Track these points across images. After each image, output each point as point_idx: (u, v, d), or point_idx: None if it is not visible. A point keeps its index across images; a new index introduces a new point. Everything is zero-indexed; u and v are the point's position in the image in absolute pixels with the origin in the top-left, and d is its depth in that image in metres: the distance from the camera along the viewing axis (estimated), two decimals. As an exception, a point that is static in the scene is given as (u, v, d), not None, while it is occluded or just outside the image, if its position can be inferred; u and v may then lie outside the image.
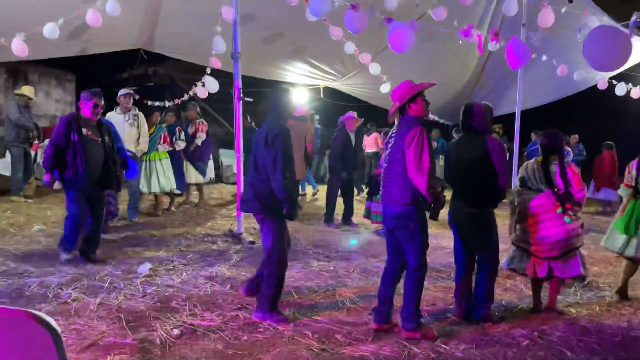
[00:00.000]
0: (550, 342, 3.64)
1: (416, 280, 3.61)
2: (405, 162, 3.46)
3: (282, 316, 3.87)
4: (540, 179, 4.10)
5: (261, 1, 7.07)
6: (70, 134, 4.94)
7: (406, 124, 3.56)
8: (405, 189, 3.50)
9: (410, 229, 3.53)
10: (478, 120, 3.91)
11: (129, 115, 6.90)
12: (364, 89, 11.19)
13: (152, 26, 8.35)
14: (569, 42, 8.90)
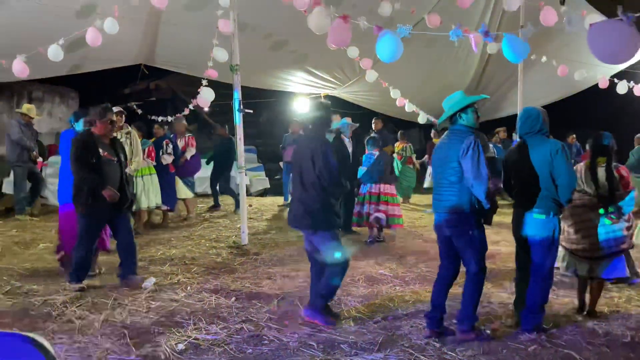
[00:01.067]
0: (558, 345, 3.59)
1: (477, 284, 3.70)
2: (461, 170, 3.54)
3: (331, 318, 3.95)
4: (587, 181, 4.11)
5: (260, 10, 7.11)
6: (88, 156, 4.61)
7: (458, 134, 3.64)
8: (463, 197, 3.58)
9: (469, 235, 3.61)
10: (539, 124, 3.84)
11: (121, 133, 6.61)
12: (364, 95, 11.21)
13: (152, 41, 8.42)
14: (568, 42, 8.90)
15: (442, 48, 9.29)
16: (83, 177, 4.61)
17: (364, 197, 6.96)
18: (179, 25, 7.62)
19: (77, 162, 4.60)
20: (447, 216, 3.65)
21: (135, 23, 7.40)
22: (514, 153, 4.01)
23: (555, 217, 3.75)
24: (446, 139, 3.75)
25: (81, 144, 4.65)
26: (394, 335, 3.79)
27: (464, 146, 3.52)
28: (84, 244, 4.70)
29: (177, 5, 6.66)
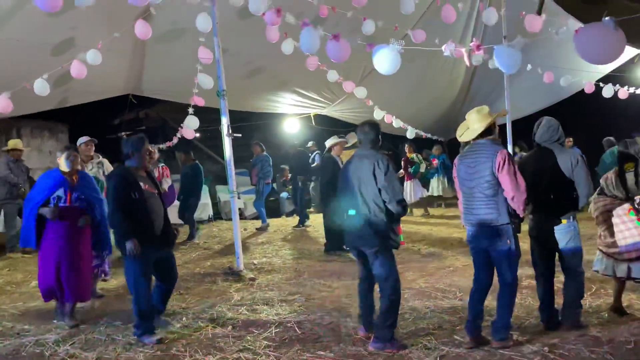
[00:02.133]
0: (562, 356, 3.53)
1: (513, 294, 3.83)
2: (497, 183, 3.67)
3: (402, 343, 3.88)
4: (617, 186, 4.31)
5: (241, 37, 7.15)
6: (131, 193, 4.15)
7: (487, 147, 3.78)
8: (501, 209, 3.69)
9: (508, 245, 3.71)
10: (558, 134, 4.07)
11: (92, 164, 6.37)
12: (354, 113, 11.24)
13: (139, 71, 8.45)
14: (552, 49, 8.98)
15: (427, 62, 9.35)
16: (120, 221, 4.09)
17: None
18: (163, 54, 7.65)
19: (116, 202, 4.09)
20: (485, 228, 3.75)
21: (121, 54, 7.42)
22: (532, 160, 4.12)
23: (575, 221, 4.00)
24: (471, 153, 3.86)
25: (121, 179, 4.16)
26: (394, 356, 3.71)
27: (498, 160, 3.64)
28: (141, 292, 4.15)
29: (160, 35, 6.69)
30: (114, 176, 4.29)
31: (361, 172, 3.89)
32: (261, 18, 5.75)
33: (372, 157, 3.88)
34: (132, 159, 4.29)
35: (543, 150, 4.06)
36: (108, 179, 4.42)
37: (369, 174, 3.84)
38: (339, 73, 8.57)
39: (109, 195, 4.16)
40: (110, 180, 4.24)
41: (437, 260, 6.84)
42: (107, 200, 4.24)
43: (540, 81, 8.78)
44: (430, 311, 4.68)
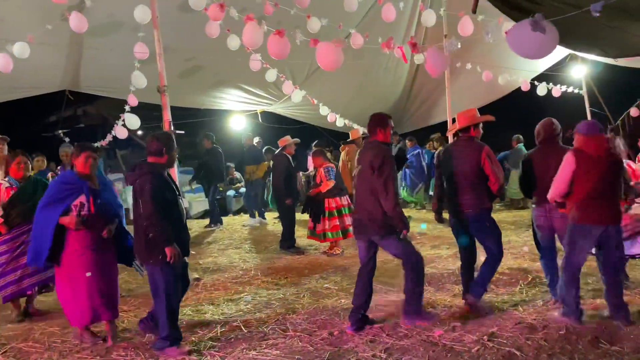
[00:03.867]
0: (500, 344, 3.67)
1: (495, 263, 4.45)
2: (483, 174, 4.30)
3: (431, 314, 4.23)
4: None
5: (181, 33, 6.98)
6: (166, 193, 3.84)
7: (470, 143, 4.44)
8: (482, 195, 4.36)
9: (487, 227, 4.38)
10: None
11: None
12: (301, 110, 11.22)
13: (76, 66, 8.08)
14: (490, 48, 9.29)
15: (371, 60, 9.46)
16: (160, 221, 3.72)
17: (340, 210, 6.96)
18: (101, 48, 7.35)
19: (154, 201, 3.70)
20: (469, 213, 4.36)
21: (55, 48, 7.08)
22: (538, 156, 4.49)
23: None
24: (455, 147, 4.51)
25: (159, 178, 3.83)
26: (340, 350, 3.75)
27: (484, 154, 4.29)
28: (173, 300, 3.87)
29: (97, 28, 6.42)
30: (151, 174, 3.78)
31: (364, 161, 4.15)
32: (202, 13, 5.65)
33: (372, 150, 4.12)
34: (161, 157, 3.90)
35: (545, 149, 4.46)
36: (146, 177, 3.77)
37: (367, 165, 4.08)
38: (284, 71, 8.55)
39: (145, 195, 3.71)
40: (147, 180, 3.77)
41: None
42: (145, 201, 3.71)
43: (480, 79, 9.08)
44: (376, 306, 4.74)
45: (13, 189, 4.78)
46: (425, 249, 7.00)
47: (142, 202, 3.73)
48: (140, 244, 3.80)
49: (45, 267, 4.35)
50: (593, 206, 3.92)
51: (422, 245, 7.23)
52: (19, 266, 4.63)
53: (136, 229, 3.85)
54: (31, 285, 4.70)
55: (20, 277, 4.65)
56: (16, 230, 4.68)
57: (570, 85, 10.25)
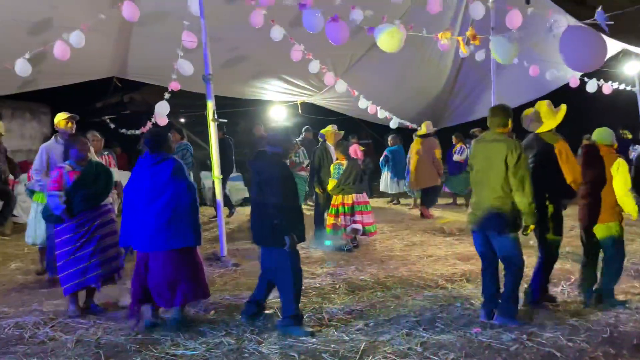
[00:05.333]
0: (540, 344, 3.60)
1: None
2: None
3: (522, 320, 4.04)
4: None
5: (225, 24, 7.07)
6: None
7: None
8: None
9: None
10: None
11: None
12: (341, 102, 11.20)
13: (124, 54, 8.30)
14: (538, 43, 9.03)
15: (414, 52, 9.34)
16: (287, 209, 3.97)
17: (337, 209, 6.83)
18: (149, 36, 7.52)
19: (282, 190, 3.95)
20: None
21: (105, 36, 7.29)
22: None
23: None
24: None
25: (286, 168, 4.14)
26: (375, 342, 3.75)
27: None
28: (297, 282, 4.05)
29: (145, 17, 6.57)
30: (279, 164, 4.06)
31: (492, 155, 3.96)
32: (246, 4, 5.70)
33: (504, 143, 3.93)
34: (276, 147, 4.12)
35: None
36: (282, 166, 4.08)
37: (500, 159, 3.90)
38: (326, 62, 8.54)
39: (288, 184, 4.00)
40: (277, 168, 4.02)
41: (419, 249, 6.90)
42: (283, 189, 3.94)
43: (526, 74, 8.84)
44: (412, 299, 4.73)
45: (76, 173, 4.47)
46: (464, 245, 6.91)
47: (271, 190, 3.92)
48: (265, 228, 3.97)
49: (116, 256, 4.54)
50: None
51: (462, 242, 7.14)
52: (84, 257, 4.39)
53: (259, 215, 4.05)
54: (96, 277, 4.44)
55: (85, 269, 4.39)
56: (80, 217, 4.41)
57: (623, 82, 9.86)
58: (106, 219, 4.60)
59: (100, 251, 4.46)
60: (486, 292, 4.18)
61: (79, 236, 4.40)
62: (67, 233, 4.41)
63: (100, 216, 4.54)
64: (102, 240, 4.49)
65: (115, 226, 4.64)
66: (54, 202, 4.35)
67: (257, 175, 4.09)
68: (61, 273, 4.41)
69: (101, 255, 4.46)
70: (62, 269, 4.40)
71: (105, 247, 4.50)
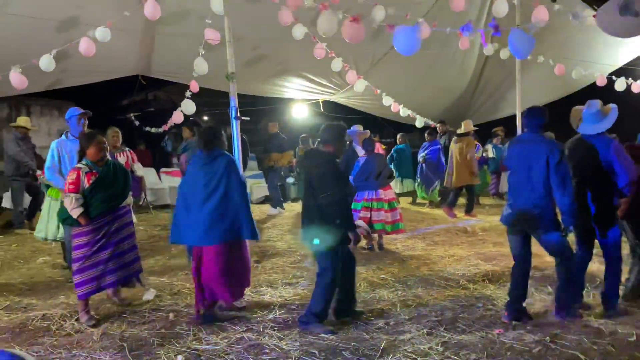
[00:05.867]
0: (563, 346, 3.54)
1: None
2: None
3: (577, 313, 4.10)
4: None
5: (246, 22, 7.11)
6: None
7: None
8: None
9: None
10: None
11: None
12: (363, 100, 11.18)
13: (149, 52, 8.42)
14: (564, 41, 8.88)
15: (437, 50, 9.27)
16: (344, 207, 4.04)
17: (360, 205, 6.78)
18: (173, 35, 7.62)
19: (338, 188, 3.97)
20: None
21: (130, 34, 7.40)
22: None
23: None
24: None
25: (339, 167, 4.19)
26: (396, 341, 3.74)
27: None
28: (335, 280, 4.07)
29: (168, 15, 6.65)
30: (333, 163, 4.09)
31: (539, 158, 3.93)
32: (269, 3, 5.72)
33: (544, 144, 3.94)
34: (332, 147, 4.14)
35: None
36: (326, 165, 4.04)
37: (542, 161, 3.89)
38: (349, 60, 8.52)
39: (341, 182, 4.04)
40: (331, 167, 4.04)
41: (441, 248, 6.85)
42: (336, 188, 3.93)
43: (552, 73, 8.70)
44: (434, 298, 4.70)
45: (93, 174, 4.29)
46: (487, 245, 6.84)
47: (324, 189, 3.91)
48: (316, 228, 3.97)
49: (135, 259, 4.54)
50: None
51: (484, 242, 7.07)
52: (101, 261, 4.28)
53: (309, 214, 4.04)
54: (113, 282, 4.37)
55: (101, 274, 4.29)
56: (98, 220, 4.28)
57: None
58: (124, 222, 4.48)
59: (118, 255, 4.35)
60: (514, 292, 4.14)
61: (95, 240, 4.26)
62: (84, 236, 4.25)
63: (118, 219, 4.42)
64: (119, 244, 4.38)
65: (133, 228, 4.60)
66: (71, 204, 4.17)
67: (307, 173, 4.14)
68: (76, 277, 4.24)
69: (118, 260, 4.35)
70: (77, 272, 4.24)
71: (122, 251, 4.40)
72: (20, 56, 6.35)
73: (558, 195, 3.87)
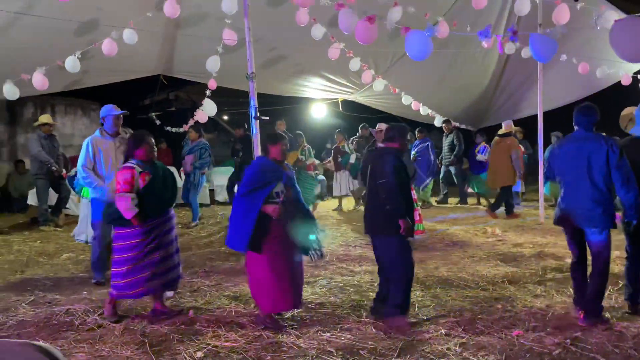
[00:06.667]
0: (584, 349, 3.50)
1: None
2: None
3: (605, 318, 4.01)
4: None
5: (265, 24, 7.15)
6: None
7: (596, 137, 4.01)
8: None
9: None
10: None
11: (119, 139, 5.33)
12: (382, 100, 11.16)
13: (170, 52, 8.54)
14: (588, 39, 8.73)
15: (457, 49, 9.21)
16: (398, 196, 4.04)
17: None
18: (194, 35, 7.71)
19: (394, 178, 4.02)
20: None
21: (152, 35, 7.51)
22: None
23: None
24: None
25: (399, 160, 4.15)
26: (414, 341, 3.74)
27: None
28: (408, 270, 4.11)
29: (189, 16, 6.75)
30: (392, 155, 4.11)
31: (590, 153, 3.93)
32: (287, 5, 5.76)
33: (602, 140, 3.93)
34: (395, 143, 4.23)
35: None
36: (385, 157, 4.11)
37: (601, 157, 3.88)
38: (367, 60, 8.52)
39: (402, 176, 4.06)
40: (390, 159, 4.08)
41: (460, 249, 6.80)
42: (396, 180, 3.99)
43: (575, 72, 8.58)
44: (452, 299, 4.68)
45: (147, 174, 4.15)
46: (507, 246, 6.78)
47: (383, 179, 4.03)
48: (379, 216, 4.12)
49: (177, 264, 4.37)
50: None
51: (504, 243, 7.00)
52: (151, 263, 4.14)
53: (374, 205, 4.18)
54: (160, 285, 4.24)
55: (151, 276, 4.14)
56: (150, 222, 4.13)
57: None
58: (172, 224, 4.36)
59: (167, 258, 4.25)
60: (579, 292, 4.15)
61: (147, 242, 4.11)
62: (134, 238, 4.09)
63: (168, 221, 4.30)
64: (168, 247, 4.27)
65: (176, 232, 4.47)
66: (126, 205, 4.00)
67: (372, 170, 4.22)
68: (122, 279, 4.09)
69: (167, 262, 4.25)
70: (126, 275, 4.08)
71: (170, 254, 4.29)
72: (44, 57, 6.52)
73: (623, 191, 3.87)
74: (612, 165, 3.85)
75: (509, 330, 3.86)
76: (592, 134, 4.02)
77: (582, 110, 4.09)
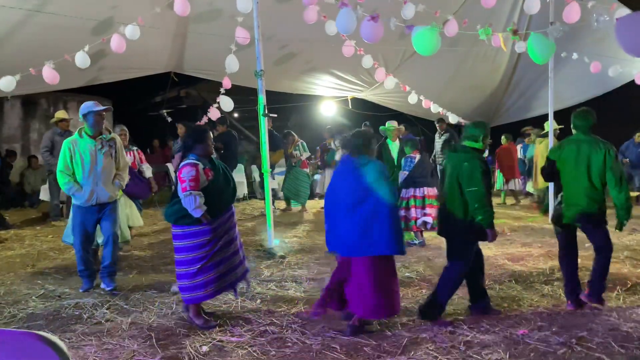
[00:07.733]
0: (589, 349, 3.48)
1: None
2: None
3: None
4: None
5: (275, 22, 7.19)
6: None
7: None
8: None
9: None
10: None
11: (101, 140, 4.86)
12: (392, 97, 11.14)
13: (181, 50, 8.61)
14: (601, 37, 8.65)
15: (468, 48, 9.17)
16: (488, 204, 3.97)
17: (408, 202, 6.80)
18: (204, 33, 7.77)
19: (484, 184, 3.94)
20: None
21: (163, 32, 7.58)
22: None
23: None
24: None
25: (485, 163, 4.09)
26: (418, 339, 3.74)
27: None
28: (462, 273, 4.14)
29: (199, 14, 6.79)
30: (479, 159, 4.03)
31: (590, 155, 4.15)
32: (297, 3, 5.78)
33: (601, 144, 4.15)
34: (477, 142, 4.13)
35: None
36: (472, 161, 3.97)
37: (599, 158, 4.10)
38: (377, 57, 8.52)
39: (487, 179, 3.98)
40: (478, 164, 3.96)
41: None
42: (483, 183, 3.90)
43: (587, 71, 8.50)
44: (458, 297, 4.67)
45: (209, 170, 3.99)
46: (515, 246, 6.75)
47: (470, 185, 3.91)
48: (457, 223, 4.02)
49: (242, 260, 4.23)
50: None
51: (512, 243, 6.97)
52: (221, 261, 4.01)
53: (450, 208, 4.05)
54: (231, 284, 4.15)
55: (222, 274, 4.02)
56: (217, 219, 3.98)
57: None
58: (233, 221, 4.22)
59: (233, 255, 4.14)
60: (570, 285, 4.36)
61: (215, 240, 3.98)
62: (202, 236, 3.92)
63: (230, 218, 4.16)
64: (233, 243, 4.15)
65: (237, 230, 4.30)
66: (195, 203, 3.81)
67: (452, 169, 4.06)
68: (193, 279, 3.92)
69: (234, 259, 4.14)
70: (194, 275, 3.92)
71: (235, 251, 4.17)
72: (59, 54, 6.59)
73: (615, 192, 4.10)
74: (607, 166, 4.09)
75: (514, 329, 3.85)
76: (591, 137, 4.24)
77: (579, 115, 4.32)
